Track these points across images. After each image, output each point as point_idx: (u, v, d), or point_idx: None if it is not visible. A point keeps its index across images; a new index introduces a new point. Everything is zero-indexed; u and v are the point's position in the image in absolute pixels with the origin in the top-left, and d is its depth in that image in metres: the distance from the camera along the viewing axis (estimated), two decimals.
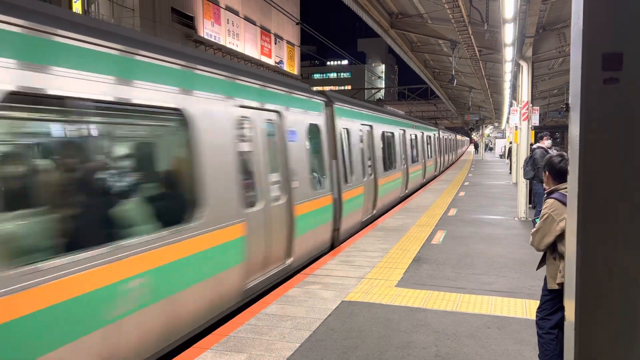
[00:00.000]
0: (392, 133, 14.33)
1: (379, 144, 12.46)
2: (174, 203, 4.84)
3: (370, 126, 11.81)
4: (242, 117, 5.86)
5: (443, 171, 29.10)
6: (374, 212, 11.79)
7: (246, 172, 5.84)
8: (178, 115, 4.66)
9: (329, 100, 9.18)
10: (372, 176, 11.64)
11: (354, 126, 10.41)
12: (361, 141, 10.91)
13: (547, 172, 3.87)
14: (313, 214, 7.64)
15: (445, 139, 31.44)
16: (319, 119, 8.41)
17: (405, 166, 16.06)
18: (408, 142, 16.93)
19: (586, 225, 1.53)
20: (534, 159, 9.52)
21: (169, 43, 4.91)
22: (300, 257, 7.22)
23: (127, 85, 4.03)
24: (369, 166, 11.46)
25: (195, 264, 4.71)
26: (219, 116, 5.28)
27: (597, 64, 1.47)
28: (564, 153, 3.93)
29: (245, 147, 5.89)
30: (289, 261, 6.83)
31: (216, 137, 5.16)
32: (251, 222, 5.75)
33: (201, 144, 4.87)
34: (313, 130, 8.10)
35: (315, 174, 8.05)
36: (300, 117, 7.58)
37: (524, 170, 10.13)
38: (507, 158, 26.93)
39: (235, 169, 5.49)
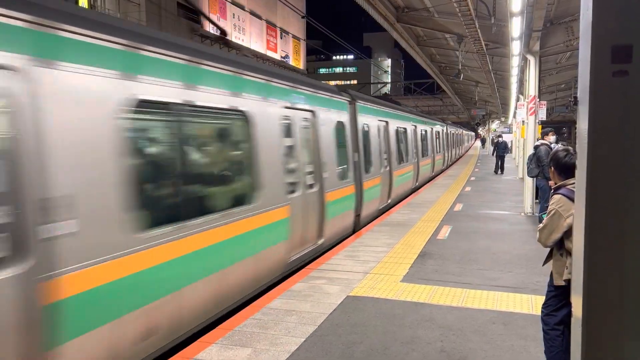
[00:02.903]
0: (405, 128, 15.21)
1: (393, 138, 13.29)
2: (244, 187, 5.90)
3: (386, 122, 12.62)
4: (286, 116, 6.88)
5: (450, 165, 29.19)
6: (389, 201, 12.65)
7: (289, 163, 6.84)
8: (242, 116, 5.76)
9: (352, 99, 10.09)
10: (388, 168, 12.47)
11: (373, 122, 11.31)
12: (378, 136, 11.76)
13: (552, 168, 3.84)
14: (340, 201, 8.66)
15: (453, 134, 32.16)
16: (344, 117, 9.42)
17: (417, 160, 16.97)
18: (419, 137, 17.81)
19: (594, 220, 1.50)
20: (538, 156, 9.26)
21: (242, 59, 6.55)
22: (329, 238, 8.19)
23: (229, 96, 5.43)
24: (385, 159, 12.28)
25: (258, 236, 5.87)
26: (271, 117, 6.37)
27: (606, 56, 1.44)
28: (569, 147, 3.89)
29: (288, 142, 6.87)
30: (320, 241, 7.85)
31: (269, 134, 6.23)
32: (293, 206, 6.77)
33: (259, 139, 5.97)
34: (339, 126, 9.02)
35: (341, 166, 8.91)
36: (329, 115, 8.60)
37: (528, 168, 9.85)
38: (493, 154, 26.59)
39: (282, 160, 6.57)
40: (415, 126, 17.36)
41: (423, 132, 19.07)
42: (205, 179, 5.24)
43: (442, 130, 26.17)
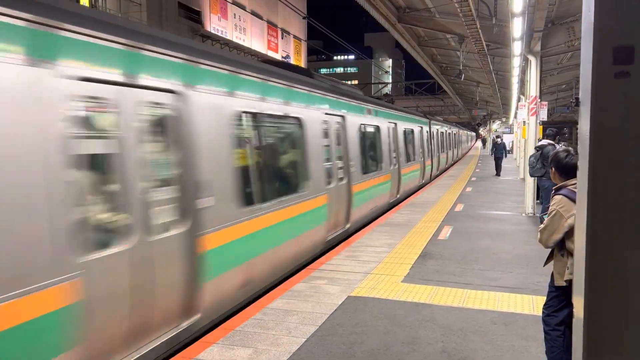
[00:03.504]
0: (412, 130, 16.46)
1: (401, 138, 14.56)
2: (302, 178, 7.38)
3: (395, 124, 13.89)
4: (325, 121, 8.46)
5: (452, 164, 29.31)
6: (398, 196, 14.02)
7: (326, 159, 8.33)
8: (298, 121, 7.29)
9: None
10: (397, 166, 13.68)
11: (384, 125, 12.71)
12: (388, 136, 12.97)
13: (553, 169, 3.84)
14: (362, 192, 10.12)
15: (453, 134, 32.19)
16: (365, 119, 11.04)
17: (423, 159, 18.05)
18: (425, 138, 18.95)
19: (596, 221, 1.50)
20: (545, 156, 9.06)
21: (299, 76, 7.91)
22: (354, 223, 9.63)
23: (289, 106, 6.99)
24: (394, 157, 13.48)
25: (309, 217, 7.37)
26: (317, 122, 7.98)
27: (608, 57, 1.44)
28: (570, 148, 3.89)
29: (325, 142, 8.37)
30: (347, 226, 9.30)
31: (315, 135, 7.77)
32: (330, 194, 8.26)
33: (309, 140, 7.49)
34: (360, 128, 10.46)
35: (362, 162, 10.42)
36: (355, 119, 10.07)
37: (533, 167, 9.68)
38: (492, 155, 25.20)
39: (323, 156, 8.13)
40: (422, 127, 18.41)
41: (426, 133, 19.44)
42: (286, 169, 7.29)
43: (446, 130, 26.37)
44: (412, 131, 16.37)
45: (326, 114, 8.46)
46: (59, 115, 3.26)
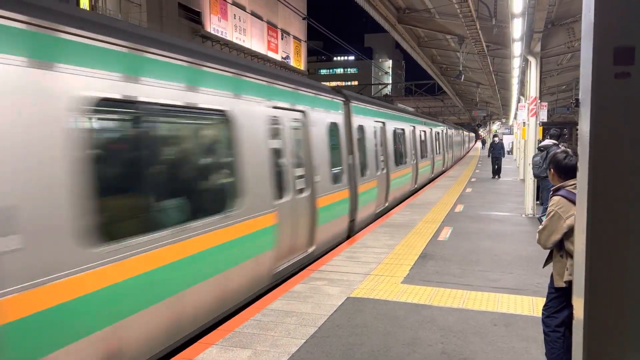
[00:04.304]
0: (425, 131, 19.30)
1: (418, 139, 17.49)
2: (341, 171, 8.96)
3: (413, 127, 16.65)
4: (374, 126, 11.24)
5: (454, 164, 29.36)
6: (415, 185, 16.76)
7: (370, 155, 10.78)
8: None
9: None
10: (415, 161, 16.61)
11: (409, 128, 15.76)
12: (374, 137, 15.00)
13: (552, 170, 3.85)
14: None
15: (455, 135, 33.50)
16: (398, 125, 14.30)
17: (432, 156, 20.62)
18: (434, 138, 21.61)
19: (596, 222, 1.50)
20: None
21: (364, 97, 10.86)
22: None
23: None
24: (413, 154, 16.35)
25: (344, 203, 8.99)
26: (371, 129, 10.89)
27: (608, 58, 1.44)
28: (568, 149, 3.90)
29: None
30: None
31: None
32: (379, 180, 11.46)
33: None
34: (388, 131, 12.95)
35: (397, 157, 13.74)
36: (390, 125, 12.89)
37: (539, 168, 9.59)
38: (489, 156, 24.15)
39: (375, 153, 11.24)
40: (431, 129, 21.31)
41: (435, 134, 22.29)
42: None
43: (453, 131, 28.86)
44: (426, 132, 19.16)
45: (377, 121, 10.16)
46: (276, 129, 6.56)
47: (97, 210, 3.58)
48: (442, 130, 25.11)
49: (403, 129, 14.92)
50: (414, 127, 16.65)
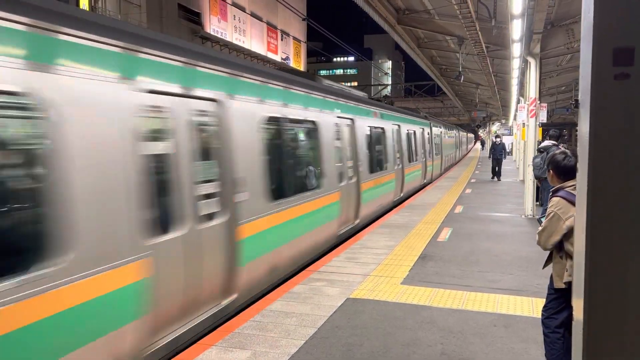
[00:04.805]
0: (439, 133, 21.95)
1: (428, 139, 19.43)
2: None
3: (424, 129, 18.41)
4: (393, 129, 13.22)
5: (445, 172, 29.13)
6: (424, 181, 18.33)
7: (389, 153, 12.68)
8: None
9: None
10: (424, 159, 18.36)
11: (419, 130, 17.35)
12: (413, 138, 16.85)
13: (551, 170, 3.85)
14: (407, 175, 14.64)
15: (446, 135, 31.61)
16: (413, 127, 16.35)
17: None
18: (404, 139, 20.72)
19: (596, 223, 1.50)
20: None
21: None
22: (407, 192, 13.41)
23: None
24: (423, 153, 18.10)
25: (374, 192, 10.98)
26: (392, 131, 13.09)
27: (608, 59, 1.44)
28: (567, 150, 3.91)
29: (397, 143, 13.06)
30: (402, 194, 12.84)
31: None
32: (396, 174, 13.36)
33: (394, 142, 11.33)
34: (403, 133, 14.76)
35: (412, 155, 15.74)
36: (404, 128, 14.67)
37: (540, 169, 9.50)
38: (490, 157, 22.35)
39: (394, 152, 13.30)
40: (441, 131, 22.87)
41: (444, 135, 23.30)
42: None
43: (456, 132, 29.16)
44: (436, 134, 20.98)
45: (395, 124, 14.01)
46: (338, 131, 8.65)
47: (275, 181, 6.31)
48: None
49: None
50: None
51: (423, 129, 18.82)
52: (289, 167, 7.36)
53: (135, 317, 3.82)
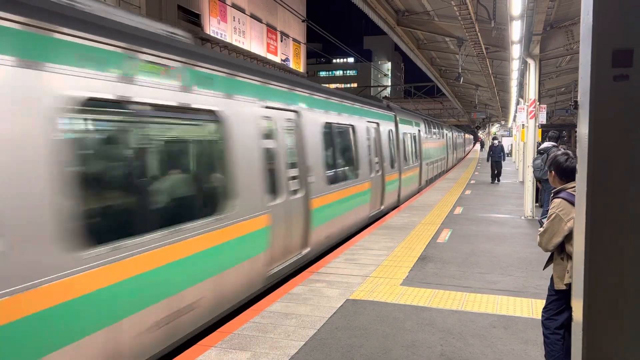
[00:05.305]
0: (415, 132, 20.10)
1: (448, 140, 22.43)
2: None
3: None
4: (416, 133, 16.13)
5: (456, 164, 29.43)
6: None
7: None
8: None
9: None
10: (447, 157, 21.71)
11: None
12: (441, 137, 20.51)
13: (552, 172, 3.84)
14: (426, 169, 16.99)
15: (429, 136, 31.24)
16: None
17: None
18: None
19: (595, 224, 1.50)
20: None
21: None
22: (426, 182, 15.98)
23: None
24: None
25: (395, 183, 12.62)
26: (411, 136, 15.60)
27: (607, 60, 1.44)
28: (569, 151, 3.89)
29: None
30: (420, 186, 14.09)
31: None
32: (403, 173, 14.31)
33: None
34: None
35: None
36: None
37: (541, 170, 9.51)
38: (488, 160, 21.35)
39: (417, 151, 16.45)
40: (452, 133, 23.39)
41: (451, 136, 24.21)
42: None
43: (460, 134, 29.21)
44: (452, 135, 22.84)
45: (419, 130, 17.83)
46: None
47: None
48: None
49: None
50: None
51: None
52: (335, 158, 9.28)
53: (264, 249, 6.04)
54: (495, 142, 21.13)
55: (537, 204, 11.55)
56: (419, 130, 17.74)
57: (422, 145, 18.05)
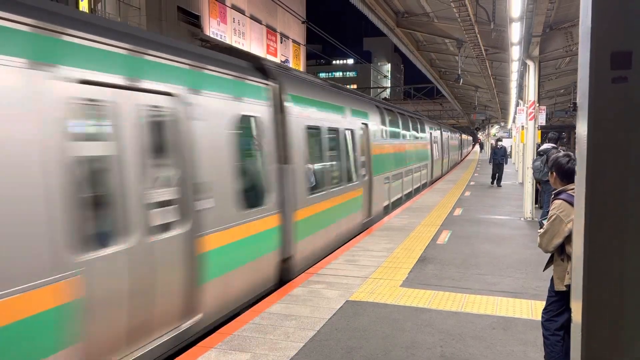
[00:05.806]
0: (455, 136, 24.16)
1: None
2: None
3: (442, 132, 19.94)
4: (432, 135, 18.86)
5: (448, 172, 29.33)
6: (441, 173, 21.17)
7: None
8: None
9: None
10: (460, 152, 25.08)
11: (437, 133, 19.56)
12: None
13: (554, 173, 3.84)
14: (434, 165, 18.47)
15: (458, 138, 32.11)
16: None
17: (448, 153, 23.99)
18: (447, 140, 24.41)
19: (594, 226, 1.50)
20: None
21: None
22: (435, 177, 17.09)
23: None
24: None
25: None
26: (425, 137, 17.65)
27: (606, 62, 1.44)
28: (571, 153, 3.90)
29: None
30: (429, 181, 14.99)
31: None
32: (406, 172, 15.06)
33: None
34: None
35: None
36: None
37: (541, 172, 9.52)
38: (490, 162, 20.51)
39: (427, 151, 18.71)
40: (449, 134, 24.03)
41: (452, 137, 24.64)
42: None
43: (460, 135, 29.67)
44: (450, 136, 24.55)
45: (431, 131, 19.75)
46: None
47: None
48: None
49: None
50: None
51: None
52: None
53: (360, 209, 10.11)
54: (499, 144, 20.44)
55: (537, 206, 11.56)
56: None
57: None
